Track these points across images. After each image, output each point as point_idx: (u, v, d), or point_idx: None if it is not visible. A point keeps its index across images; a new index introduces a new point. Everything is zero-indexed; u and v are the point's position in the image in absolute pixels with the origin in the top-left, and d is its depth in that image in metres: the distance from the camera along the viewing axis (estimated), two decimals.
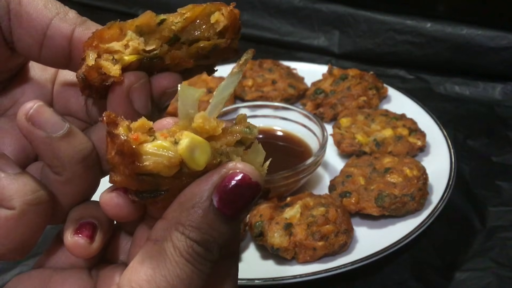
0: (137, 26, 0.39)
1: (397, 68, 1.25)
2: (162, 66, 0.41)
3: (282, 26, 1.37)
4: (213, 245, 0.34)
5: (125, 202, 0.37)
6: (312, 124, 0.93)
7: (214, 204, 0.34)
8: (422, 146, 0.92)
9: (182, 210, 0.34)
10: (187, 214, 0.34)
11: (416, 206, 0.80)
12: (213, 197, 0.34)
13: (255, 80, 1.10)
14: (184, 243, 0.34)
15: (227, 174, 0.35)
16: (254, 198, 0.35)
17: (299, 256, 0.75)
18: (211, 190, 0.34)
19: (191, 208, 0.34)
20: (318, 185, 0.91)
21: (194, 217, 0.34)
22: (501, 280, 0.76)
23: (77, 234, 0.39)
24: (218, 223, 0.34)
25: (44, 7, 0.39)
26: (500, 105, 1.13)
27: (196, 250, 0.34)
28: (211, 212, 0.34)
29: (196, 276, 0.34)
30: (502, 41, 1.15)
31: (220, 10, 0.40)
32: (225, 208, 0.34)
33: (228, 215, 0.34)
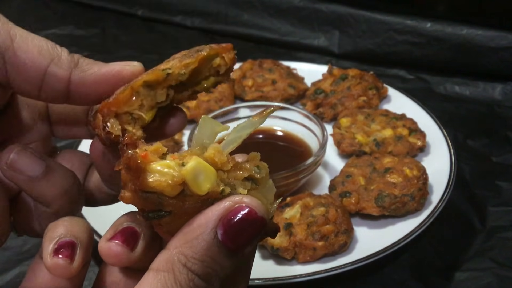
0: (145, 82, 0.40)
1: (397, 68, 1.25)
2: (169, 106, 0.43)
3: (282, 26, 1.37)
4: (214, 278, 0.34)
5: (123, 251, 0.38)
6: (312, 124, 0.93)
7: (218, 237, 0.34)
8: (422, 146, 0.92)
9: (186, 241, 0.34)
10: (190, 246, 0.34)
11: (416, 206, 0.80)
12: (218, 230, 0.34)
13: (255, 80, 1.10)
14: (186, 276, 0.34)
15: (232, 207, 0.34)
16: (259, 233, 0.35)
17: (299, 256, 0.75)
18: (216, 222, 0.34)
19: (195, 240, 0.34)
20: (318, 185, 0.91)
21: (197, 249, 0.34)
22: (501, 280, 0.76)
23: (57, 255, 0.39)
24: (221, 257, 0.34)
25: (38, 54, 0.39)
26: (500, 105, 1.13)
27: (197, 284, 0.34)
28: (215, 245, 0.34)
29: None
30: (502, 41, 1.15)
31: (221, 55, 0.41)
32: (229, 241, 0.34)
33: (232, 249, 0.34)
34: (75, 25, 1.48)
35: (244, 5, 1.40)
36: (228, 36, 1.42)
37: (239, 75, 1.12)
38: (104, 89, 0.40)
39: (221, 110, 0.98)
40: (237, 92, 1.10)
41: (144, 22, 1.50)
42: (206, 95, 1.06)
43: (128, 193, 0.35)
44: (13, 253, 0.85)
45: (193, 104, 1.04)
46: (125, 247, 0.38)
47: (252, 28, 1.39)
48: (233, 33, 1.41)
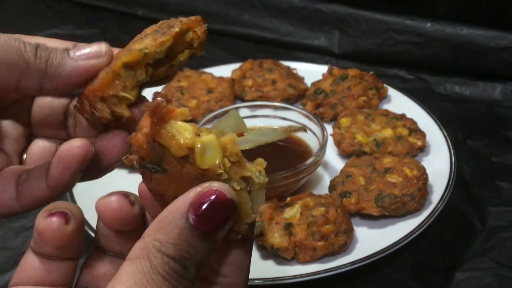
0: (124, 63, 0.42)
1: (397, 68, 1.25)
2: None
3: (282, 26, 1.37)
4: (189, 262, 0.35)
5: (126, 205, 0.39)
6: (312, 124, 0.93)
7: (190, 221, 0.35)
8: (422, 146, 0.92)
9: (159, 228, 0.35)
10: (163, 232, 0.35)
11: (416, 206, 0.80)
12: (189, 215, 0.35)
13: (255, 80, 1.10)
14: (160, 260, 0.34)
15: (202, 192, 0.35)
16: (230, 215, 0.36)
17: (299, 256, 0.75)
18: (187, 207, 0.35)
19: (168, 226, 0.35)
20: (318, 185, 0.91)
21: (170, 234, 0.34)
22: (501, 280, 0.76)
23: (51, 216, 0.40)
24: (194, 240, 0.35)
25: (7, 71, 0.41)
26: (500, 105, 1.13)
27: (173, 267, 0.34)
28: (187, 228, 0.34)
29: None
30: (502, 41, 1.15)
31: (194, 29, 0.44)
32: (201, 225, 0.35)
33: (204, 232, 0.35)
34: (75, 25, 1.48)
35: (244, 5, 1.40)
36: (228, 36, 1.42)
37: (239, 75, 1.12)
38: (76, 84, 0.42)
39: (221, 110, 0.98)
40: (237, 92, 1.10)
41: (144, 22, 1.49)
42: (206, 95, 1.06)
43: (140, 136, 0.37)
44: (13, 253, 0.85)
45: (193, 104, 1.04)
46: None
47: (252, 28, 1.39)
48: (233, 33, 1.41)
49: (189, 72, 1.12)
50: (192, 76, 1.11)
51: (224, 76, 1.12)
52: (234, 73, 1.13)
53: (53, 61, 0.41)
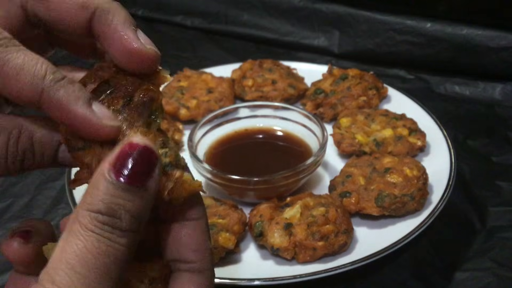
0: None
1: (397, 68, 1.25)
2: None
3: (282, 26, 1.37)
4: (120, 212, 0.35)
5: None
6: (312, 124, 0.93)
7: (112, 177, 0.35)
8: (422, 146, 0.92)
9: (86, 194, 0.36)
10: (89, 194, 0.35)
11: (416, 206, 0.80)
12: (109, 173, 0.35)
13: (255, 80, 1.10)
14: (88, 217, 0.35)
15: (119, 149, 0.36)
16: (148, 161, 0.36)
17: (299, 256, 0.75)
18: (107, 167, 0.36)
19: (92, 189, 0.36)
20: (318, 185, 0.91)
21: (95, 193, 0.35)
22: (501, 280, 0.76)
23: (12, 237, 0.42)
24: (120, 192, 0.35)
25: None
26: (500, 105, 1.13)
27: (100, 220, 0.35)
28: (110, 183, 0.35)
29: (105, 245, 0.34)
30: (502, 41, 1.15)
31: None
32: (122, 176, 0.35)
33: (128, 182, 0.35)
34: None
35: (244, 5, 1.40)
36: (228, 36, 1.42)
37: (239, 75, 1.12)
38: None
39: (221, 110, 0.98)
40: (237, 92, 1.10)
41: (144, 22, 1.50)
42: (206, 95, 1.06)
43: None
44: None
45: (193, 104, 1.04)
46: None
47: (252, 28, 1.39)
48: (233, 33, 1.41)
49: (189, 72, 1.12)
50: (192, 76, 1.11)
51: (224, 76, 1.12)
52: (234, 73, 1.13)
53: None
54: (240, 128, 0.98)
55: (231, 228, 0.77)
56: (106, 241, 0.34)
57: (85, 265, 0.34)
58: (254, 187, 0.83)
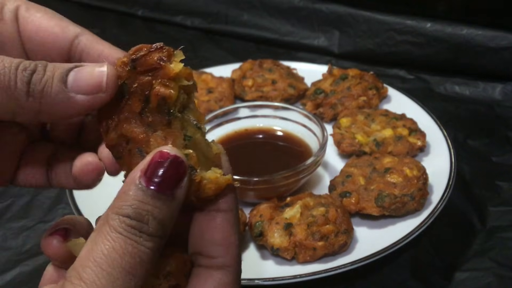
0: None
1: (397, 68, 1.25)
2: None
3: (282, 26, 1.37)
4: (147, 217, 0.37)
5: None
6: (312, 124, 0.93)
7: (143, 183, 0.37)
8: (422, 146, 0.92)
9: (117, 198, 0.37)
10: (120, 199, 0.37)
11: (416, 206, 0.80)
12: (140, 179, 0.37)
13: (255, 80, 1.10)
14: (117, 220, 0.36)
15: (150, 158, 0.38)
16: (179, 172, 0.38)
17: (299, 256, 0.75)
18: (138, 174, 0.37)
19: (123, 194, 0.37)
20: (318, 185, 0.91)
21: (125, 198, 0.37)
22: (501, 280, 0.76)
23: (51, 235, 0.43)
24: (149, 198, 0.37)
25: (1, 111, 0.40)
26: (500, 105, 1.13)
27: (129, 223, 0.36)
28: (140, 190, 0.37)
29: (131, 247, 0.36)
30: (502, 41, 1.15)
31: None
32: (152, 183, 0.37)
33: (157, 189, 0.37)
34: None
35: (244, 5, 1.40)
36: (228, 36, 1.42)
37: (239, 75, 1.12)
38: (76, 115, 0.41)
39: (221, 110, 0.98)
40: (237, 92, 1.10)
41: (144, 22, 1.50)
42: (206, 95, 1.06)
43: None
44: (13, 253, 0.85)
45: None
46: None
47: (252, 28, 1.39)
48: (233, 33, 1.41)
49: None
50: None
51: (224, 76, 1.12)
52: (234, 73, 1.13)
53: (47, 98, 0.38)
54: (240, 128, 0.98)
55: None
56: (133, 243, 0.36)
57: (111, 264, 0.35)
58: (254, 187, 0.83)
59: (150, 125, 0.40)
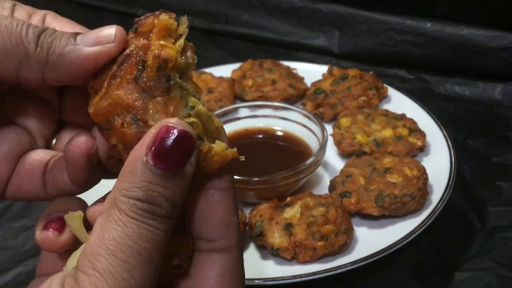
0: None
1: (397, 68, 1.25)
2: None
3: (282, 26, 1.37)
4: (159, 199, 0.35)
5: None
6: (312, 124, 0.93)
7: (150, 162, 0.35)
8: (422, 146, 0.92)
9: (122, 178, 0.35)
10: (126, 180, 0.35)
11: (416, 206, 0.80)
12: (147, 157, 0.35)
13: (255, 80, 1.10)
14: (127, 203, 0.34)
15: (155, 132, 0.36)
16: (188, 148, 0.36)
17: (299, 256, 0.75)
18: (144, 151, 0.35)
19: (129, 173, 0.35)
20: (318, 185, 0.91)
21: (133, 180, 0.35)
22: (501, 280, 0.76)
23: (46, 228, 0.40)
24: (159, 179, 0.35)
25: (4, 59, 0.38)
26: (500, 105, 1.13)
27: (140, 207, 0.34)
28: (148, 170, 0.35)
29: (145, 231, 0.34)
30: (502, 41, 1.15)
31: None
32: (160, 162, 0.35)
33: (167, 168, 0.35)
34: None
35: (244, 5, 1.40)
36: (228, 36, 1.42)
37: (239, 75, 1.12)
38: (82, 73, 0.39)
39: (221, 110, 0.98)
40: (237, 92, 1.10)
41: None
42: (206, 95, 1.06)
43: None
44: (13, 253, 0.85)
45: None
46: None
47: (252, 28, 1.39)
48: (233, 33, 1.41)
49: None
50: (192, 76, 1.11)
51: (224, 76, 1.12)
52: (234, 73, 1.13)
53: (55, 49, 0.38)
54: (240, 128, 0.98)
55: None
56: (147, 227, 0.34)
57: (126, 251, 0.34)
58: (254, 187, 0.83)
59: (147, 91, 0.37)
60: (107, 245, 0.34)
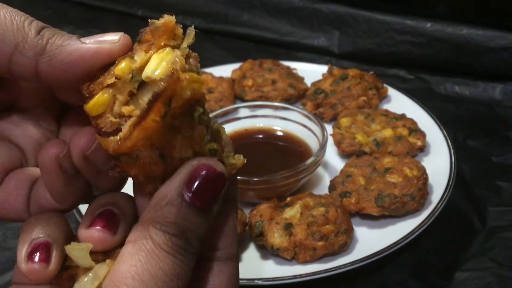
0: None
1: (397, 68, 1.25)
2: None
3: (282, 26, 1.37)
4: (191, 237, 0.36)
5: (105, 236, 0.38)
6: (312, 124, 0.93)
7: (186, 199, 0.35)
8: (422, 146, 0.92)
9: (157, 210, 0.36)
10: (162, 212, 0.35)
11: (416, 206, 0.80)
12: (184, 193, 0.36)
13: (255, 80, 1.10)
14: (163, 238, 0.35)
15: (194, 169, 0.36)
16: (222, 187, 0.37)
17: (299, 256, 0.75)
18: (181, 186, 0.36)
19: (165, 207, 0.36)
20: (318, 185, 0.91)
21: (169, 214, 0.35)
22: (501, 280, 0.76)
23: (31, 260, 0.38)
24: (193, 216, 0.36)
25: (1, 41, 0.37)
26: (500, 105, 1.13)
27: (176, 242, 0.35)
28: (184, 206, 0.36)
29: (179, 267, 0.35)
30: (502, 41, 1.15)
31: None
32: (197, 200, 0.36)
33: (200, 206, 0.36)
34: (75, 25, 1.48)
35: (244, 5, 1.40)
36: (228, 36, 1.42)
37: (239, 75, 1.12)
38: (78, 70, 0.38)
39: (221, 110, 0.98)
40: (237, 92, 1.10)
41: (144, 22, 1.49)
42: (206, 95, 1.06)
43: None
44: (13, 253, 0.85)
45: None
46: (107, 231, 0.38)
47: (252, 28, 1.39)
48: (233, 33, 1.41)
49: None
50: None
51: (224, 76, 1.12)
52: (234, 73, 1.13)
53: (56, 40, 0.38)
54: (240, 128, 0.98)
55: None
56: (180, 263, 0.35)
57: (161, 285, 0.34)
58: (254, 187, 0.83)
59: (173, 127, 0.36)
60: (141, 277, 0.34)
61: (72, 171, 0.40)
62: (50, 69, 0.38)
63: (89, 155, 0.39)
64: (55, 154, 0.39)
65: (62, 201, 0.42)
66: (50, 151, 0.39)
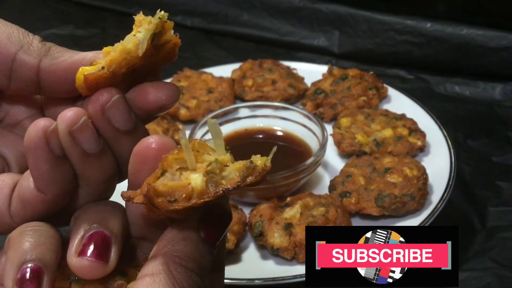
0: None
1: (397, 68, 1.25)
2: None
3: (282, 26, 1.37)
4: (204, 272, 0.36)
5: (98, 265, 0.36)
6: (312, 124, 0.93)
7: (202, 235, 0.36)
8: (422, 146, 0.92)
9: (174, 244, 0.36)
10: (180, 247, 0.36)
11: (416, 206, 0.80)
12: (200, 230, 0.36)
13: (255, 80, 1.10)
14: (184, 274, 0.35)
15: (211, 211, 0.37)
16: (228, 225, 0.39)
17: (299, 256, 0.75)
18: (198, 222, 0.37)
19: (182, 241, 0.36)
20: (318, 185, 0.91)
21: (188, 249, 0.36)
22: (501, 280, 0.76)
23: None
24: (205, 252, 0.36)
25: (7, 40, 0.39)
26: (500, 105, 1.13)
27: (195, 280, 0.35)
28: (200, 242, 0.36)
29: None
30: (502, 41, 1.15)
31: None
32: (210, 237, 0.37)
33: (213, 243, 0.37)
34: (75, 25, 1.47)
35: (244, 5, 1.40)
36: (228, 36, 1.42)
37: (239, 75, 1.12)
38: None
39: (221, 110, 0.98)
40: (237, 92, 1.10)
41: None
42: (206, 95, 1.06)
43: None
44: None
45: (193, 104, 1.04)
46: (99, 261, 0.36)
47: (252, 28, 1.39)
48: (233, 33, 1.41)
49: (189, 72, 1.12)
50: (192, 76, 1.11)
51: (224, 76, 1.12)
52: (234, 73, 1.13)
53: (60, 49, 0.40)
54: (240, 128, 0.98)
55: (231, 228, 0.77)
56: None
57: None
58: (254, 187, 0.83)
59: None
60: None
61: (59, 151, 0.37)
62: (53, 68, 0.39)
63: (75, 132, 0.37)
64: (43, 127, 0.37)
65: (46, 189, 0.38)
66: (38, 124, 0.37)
